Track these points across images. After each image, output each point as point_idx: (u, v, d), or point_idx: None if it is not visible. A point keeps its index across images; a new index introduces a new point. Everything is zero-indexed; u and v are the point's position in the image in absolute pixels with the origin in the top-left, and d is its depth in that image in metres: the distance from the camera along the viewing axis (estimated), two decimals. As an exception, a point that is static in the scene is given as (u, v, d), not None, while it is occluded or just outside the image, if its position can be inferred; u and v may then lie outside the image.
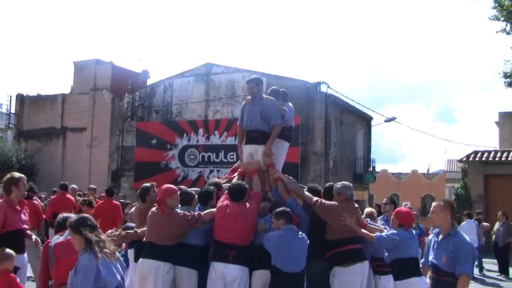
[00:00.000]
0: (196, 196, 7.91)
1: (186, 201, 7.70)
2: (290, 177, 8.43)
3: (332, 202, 7.76)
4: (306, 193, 8.11)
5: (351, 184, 8.12)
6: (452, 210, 6.34)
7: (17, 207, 7.92)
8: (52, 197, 15.48)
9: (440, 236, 6.47)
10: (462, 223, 18.56)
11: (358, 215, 7.80)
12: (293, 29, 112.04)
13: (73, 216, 6.50)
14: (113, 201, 15.06)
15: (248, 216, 7.40)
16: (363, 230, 7.65)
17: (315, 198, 7.83)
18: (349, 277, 7.45)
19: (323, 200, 7.80)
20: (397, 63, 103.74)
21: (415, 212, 14.70)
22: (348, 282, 7.44)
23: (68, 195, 15.58)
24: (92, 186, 18.68)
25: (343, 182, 8.10)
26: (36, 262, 10.60)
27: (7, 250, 6.92)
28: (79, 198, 16.92)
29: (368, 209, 9.54)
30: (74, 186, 17.65)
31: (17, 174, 8.02)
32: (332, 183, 8.58)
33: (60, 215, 7.20)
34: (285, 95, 9.20)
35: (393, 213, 7.87)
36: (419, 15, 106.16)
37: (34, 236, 8.30)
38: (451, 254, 6.08)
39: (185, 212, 7.32)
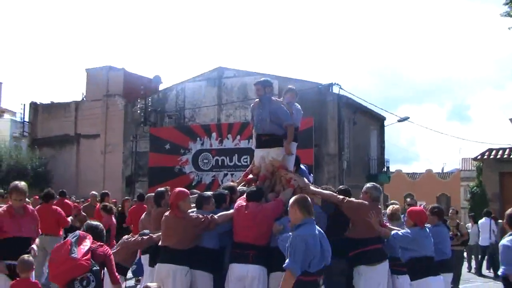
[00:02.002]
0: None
1: (201, 204, 7.70)
2: (305, 180, 8.44)
3: (360, 201, 7.89)
4: (329, 192, 8.19)
5: (379, 187, 8.18)
6: (300, 204, 6.12)
7: (19, 214, 7.79)
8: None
9: None
10: (480, 220, 18.45)
11: (380, 216, 7.89)
12: (305, 31, 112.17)
13: None
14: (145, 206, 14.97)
15: (266, 214, 7.41)
16: (384, 229, 7.72)
17: (342, 196, 7.90)
18: (375, 276, 7.57)
19: (351, 198, 7.88)
20: (409, 62, 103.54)
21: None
22: (375, 280, 7.56)
23: (67, 200, 15.65)
24: (105, 191, 18.52)
25: (372, 183, 8.27)
26: (40, 270, 10.58)
27: (28, 258, 6.93)
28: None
29: (391, 208, 9.46)
30: (94, 192, 17.51)
31: (14, 184, 7.84)
32: (346, 186, 8.67)
33: None
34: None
35: (407, 213, 7.90)
36: (430, 14, 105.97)
37: (34, 246, 7.96)
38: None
39: (198, 214, 7.33)
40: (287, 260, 5.90)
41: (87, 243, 5.95)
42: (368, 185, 8.09)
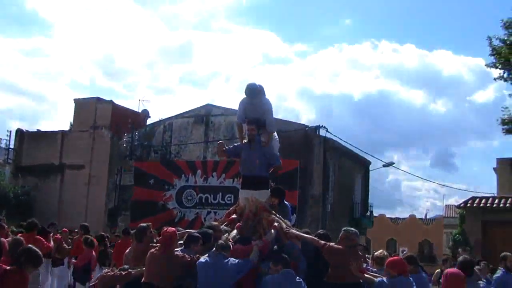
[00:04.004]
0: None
1: (189, 243, 7.72)
2: (286, 221, 8.49)
3: (340, 246, 7.86)
4: (310, 236, 8.19)
5: (357, 231, 8.21)
6: None
7: None
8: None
9: None
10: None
11: (360, 262, 7.89)
12: (291, 72, 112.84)
13: None
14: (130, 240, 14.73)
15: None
16: (365, 275, 7.73)
17: (323, 242, 7.91)
18: None
19: (332, 244, 7.88)
20: (395, 108, 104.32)
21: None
22: None
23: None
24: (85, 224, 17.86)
25: (353, 229, 8.26)
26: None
27: None
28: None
29: (380, 252, 9.49)
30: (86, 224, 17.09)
31: None
32: (325, 231, 8.76)
33: None
34: (262, 89, 9.12)
35: (387, 265, 7.94)
36: (415, 63, 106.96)
37: None
38: None
39: (184, 254, 7.34)
40: None
41: None
42: (348, 230, 8.08)
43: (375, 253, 9.50)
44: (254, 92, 8.74)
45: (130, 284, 8.16)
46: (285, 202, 9.38)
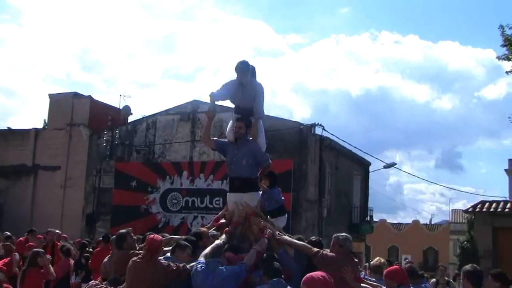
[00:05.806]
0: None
1: (174, 251, 7.80)
2: (278, 227, 8.57)
3: (333, 254, 7.91)
4: (303, 243, 8.25)
5: (351, 237, 8.25)
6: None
7: None
8: None
9: None
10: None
11: (356, 270, 7.92)
12: (285, 66, 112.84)
13: None
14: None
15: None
16: (362, 284, 7.77)
17: (316, 249, 7.96)
18: None
19: (325, 252, 7.93)
20: (397, 105, 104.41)
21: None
22: None
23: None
24: (51, 229, 17.60)
25: (345, 234, 8.25)
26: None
27: None
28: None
29: (377, 260, 9.55)
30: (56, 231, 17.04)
31: None
32: (316, 237, 8.84)
33: None
34: (254, 69, 9.14)
35: (386, 275, 7.98)
36: (415, 55, 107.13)
37: None
38: None
39: (170, 262, 7.39)
40: None
41: None
42: (341, 237, 8.08)
43: (372, 262, 9.55)
44: (246, 69, 8.70)
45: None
46: (277, 187, 9.57)
